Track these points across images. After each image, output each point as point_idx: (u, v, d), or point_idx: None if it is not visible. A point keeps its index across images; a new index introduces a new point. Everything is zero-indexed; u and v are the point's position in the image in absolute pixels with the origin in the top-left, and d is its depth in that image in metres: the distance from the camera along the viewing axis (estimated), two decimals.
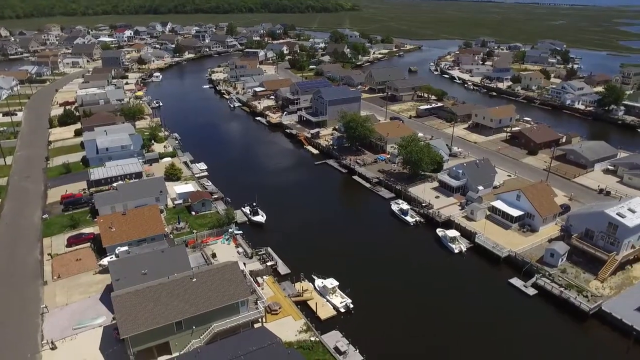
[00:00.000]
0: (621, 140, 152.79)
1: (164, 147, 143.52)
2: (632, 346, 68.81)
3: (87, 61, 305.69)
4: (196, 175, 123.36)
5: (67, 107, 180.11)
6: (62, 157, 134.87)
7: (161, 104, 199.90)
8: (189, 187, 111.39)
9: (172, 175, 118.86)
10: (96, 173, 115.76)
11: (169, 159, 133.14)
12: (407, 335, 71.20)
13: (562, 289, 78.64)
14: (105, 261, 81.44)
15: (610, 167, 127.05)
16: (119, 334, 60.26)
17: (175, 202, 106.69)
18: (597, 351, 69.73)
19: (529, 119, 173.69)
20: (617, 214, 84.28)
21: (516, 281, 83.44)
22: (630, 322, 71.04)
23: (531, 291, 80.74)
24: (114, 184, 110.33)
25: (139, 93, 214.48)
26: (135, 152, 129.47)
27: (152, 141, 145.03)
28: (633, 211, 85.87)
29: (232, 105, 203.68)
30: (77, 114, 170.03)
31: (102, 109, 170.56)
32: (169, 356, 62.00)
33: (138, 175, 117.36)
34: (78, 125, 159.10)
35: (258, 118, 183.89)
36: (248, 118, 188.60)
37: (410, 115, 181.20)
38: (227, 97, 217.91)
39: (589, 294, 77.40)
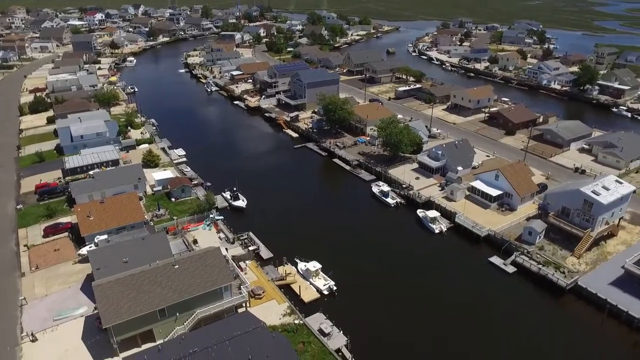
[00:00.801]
0: (596, 119, 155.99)
1: (141, 133, 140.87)
2: (606, 319, 71.15)
3: (57, 46, 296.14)
4: (175, 162, 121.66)
5: (38, 94, 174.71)
6: (34, 145, 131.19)
7: (136, 90, 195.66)
8: (168, 173, 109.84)
9: (150, 161, 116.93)
10: (71, 161, 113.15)
11: (146, 145, 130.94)
12: (390, 316, 72.18)
13: (540, 265, 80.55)
14: (84, 250, 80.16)
15: (586, 146, 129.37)
16: (102, 323, 59.59)
17: (154, 189, 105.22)
18: (574, 325, 71.85)
19: (506, 99, 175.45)
20: (592, 191, 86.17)
21: (496, 259, 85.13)
22: (604, 296, 73.36)
23: (510, 269, 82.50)
24: (91, 172, 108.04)
25: (113, 78, 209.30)
26: (111, 139, 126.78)
27: (129, 127, 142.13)
28: (607, 189, 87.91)
29: (209, 90, 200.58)
30: (49, 100, 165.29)
31: (74, 95, 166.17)
32: (153, 344, 61.55)
33: (115, 162, 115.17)
34: (50, 113, 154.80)
35: (236, 102, 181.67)
36: (226, 102, 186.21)
37: (389, 97, 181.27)
38: (203, 81, 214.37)
39: (566, 270, 79.46)
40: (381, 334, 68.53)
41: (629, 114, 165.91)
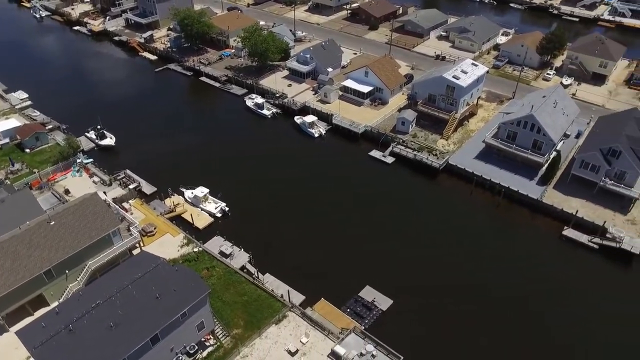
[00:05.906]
0: (450, 6, 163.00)
1: None
2: (474, 189, 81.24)
3: None
4: (17, 107, 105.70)
5: None
6: None
7: None
8: (13, 122, 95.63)
9: None
10: None
11: None
12: (283, 222, 74.95)
13: (415, 152, 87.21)
14: None
15: (443, 33, 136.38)
16: None
17: (1, 143, 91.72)
18: (449, 198, 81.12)
19: None
20: (452, 76, 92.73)
21: (375, 153, 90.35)
22: (471, 169, 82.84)
23: (389, 159, 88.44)
24: None
25: None
26: None
27: None
28: (465, 72, 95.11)
29: (38, 15, 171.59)
30: None
31: None
32: (48, 308, 57.13)
33: None
34: None
35: (76, 28, 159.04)
36: (63, 29, 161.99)
37: (248, 3, 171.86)
38: (27, 5, 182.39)
39: (438, 152, 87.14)
40: (280, 243, 70.97)
41: None
